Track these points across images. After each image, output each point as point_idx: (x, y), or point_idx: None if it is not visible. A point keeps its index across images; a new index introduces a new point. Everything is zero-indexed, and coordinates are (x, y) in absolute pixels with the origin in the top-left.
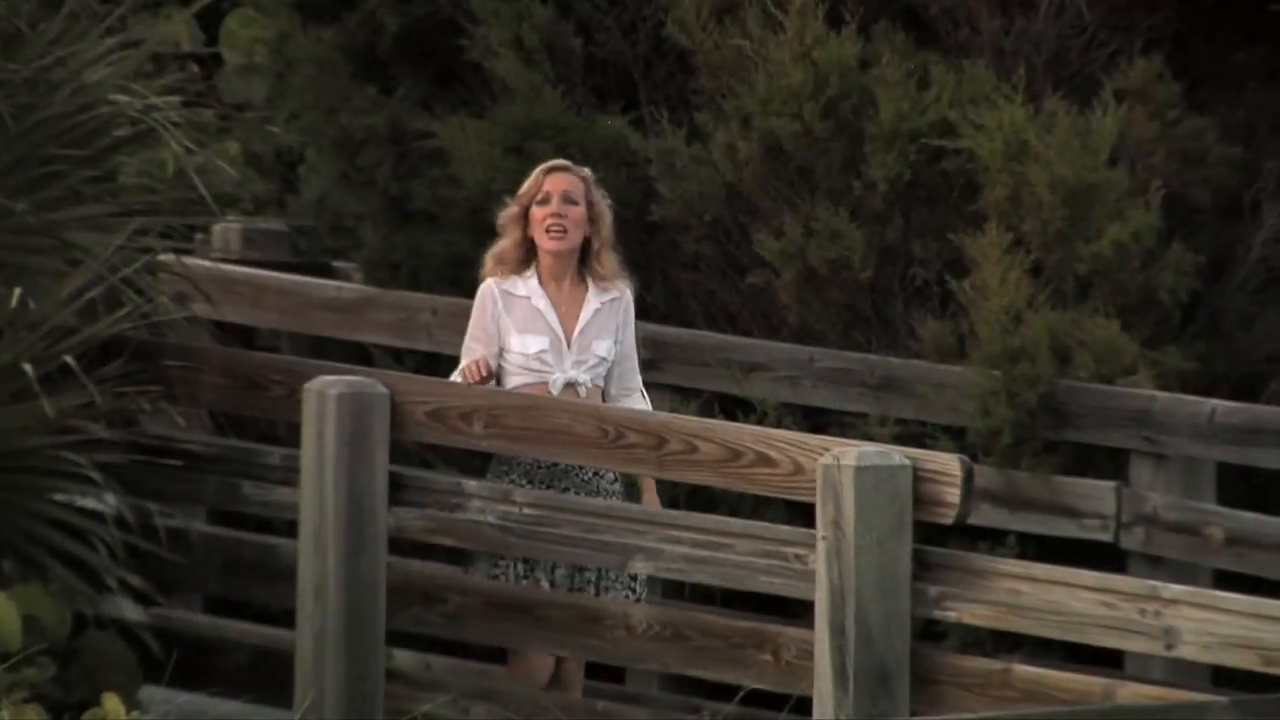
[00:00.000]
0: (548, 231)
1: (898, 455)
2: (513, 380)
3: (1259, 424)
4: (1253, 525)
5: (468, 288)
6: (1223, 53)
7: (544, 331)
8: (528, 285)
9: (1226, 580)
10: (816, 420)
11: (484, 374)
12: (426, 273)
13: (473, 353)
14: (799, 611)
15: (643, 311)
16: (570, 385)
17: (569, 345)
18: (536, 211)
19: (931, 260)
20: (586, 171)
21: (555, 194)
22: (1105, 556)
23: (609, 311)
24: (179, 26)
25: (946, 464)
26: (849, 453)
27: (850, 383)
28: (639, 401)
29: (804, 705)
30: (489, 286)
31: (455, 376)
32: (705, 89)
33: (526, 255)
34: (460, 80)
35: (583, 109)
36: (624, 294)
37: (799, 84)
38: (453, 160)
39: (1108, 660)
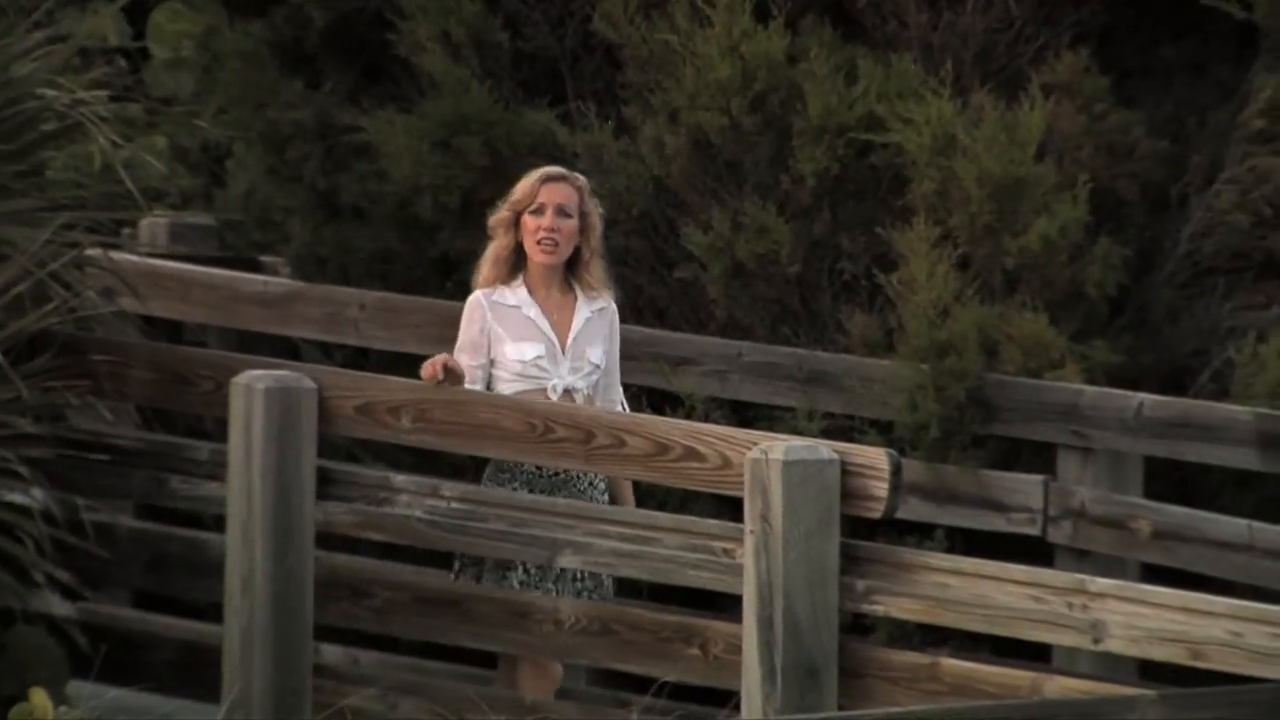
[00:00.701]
0: (539, 244)
1: (825, 449)
2: (509, 388)
3: (1186, 418)
4: (1180, 519)
5: (395, 282)
6: (1150, 47)
7: (539, 338)
8: (516, 294)
9: (1154, 574)
10: (744, 414)
11: (440, 375)
12: (354, 267)
13: (467, 365)
14: (727, 605)
15: None
16: (568, 392)
17: (564, 352)
18: (529, 220)
19: (859, 254)
20: (582, 180)
21: (550, 206)
22: (1033, 550)
23: (598, 321)
24: (106, 21)
25: (874, 458)
26: (777, 447)
27: (778, 377)
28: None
29: (728, 698)
30: (476, 299)
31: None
32: (633, 83)
33: (517, 261)
34: (388, 75)
35: (510, 103)
36: (610, 304)
37: (726, 78)
38: (380, 155)
39: (1035, 654)
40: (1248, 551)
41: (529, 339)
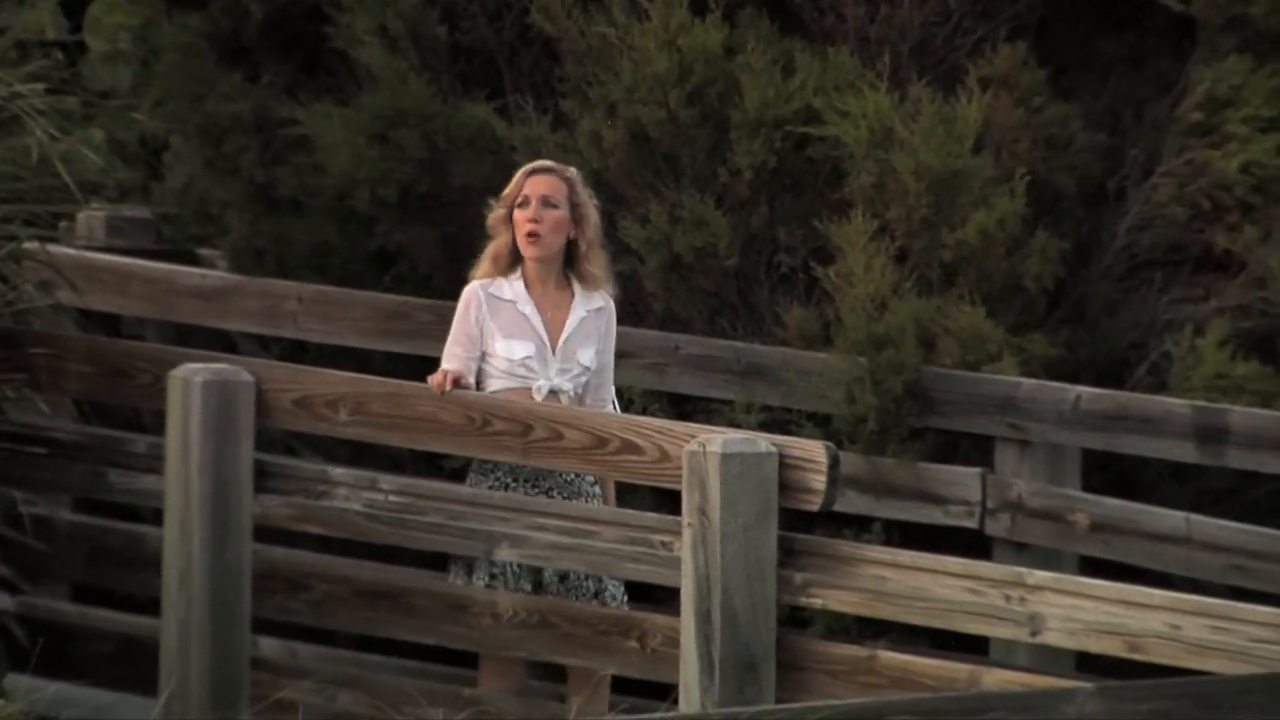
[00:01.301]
0: (526, 237)
1: (763, 442)
2: (495, 385)
3: (1123, 410)
4: (1117, 511)
5: (333, 275)
6: (1087, 40)
7: (530, 337)
8: (513, 289)
9: (1091, 566)
10: (682, 407)
11: (448, 388)
12: (292, 260)
13: (454, 357)
14: (665, 598)
15: None
16: (553, 393)
17: (554, 352)
18: (517, 215)
19: (797, 247)
20: (571, 172)
21: (534, 197)
22: (970, 543)
23: (594, 321)
24: (43, 14)
25: (812, 451)
26: (715, 440)
27: (716, 370)
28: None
29: (667, 691)
30: (473, 289)
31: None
32: (570, 77)
33: (515, 257)
34: (326, 68)
35: (448, 96)
36: (609, 303)
37: (664, 72)
38: (318, 148)
39: (973, 646)
40: (1185, 544)
41: (519, 337)
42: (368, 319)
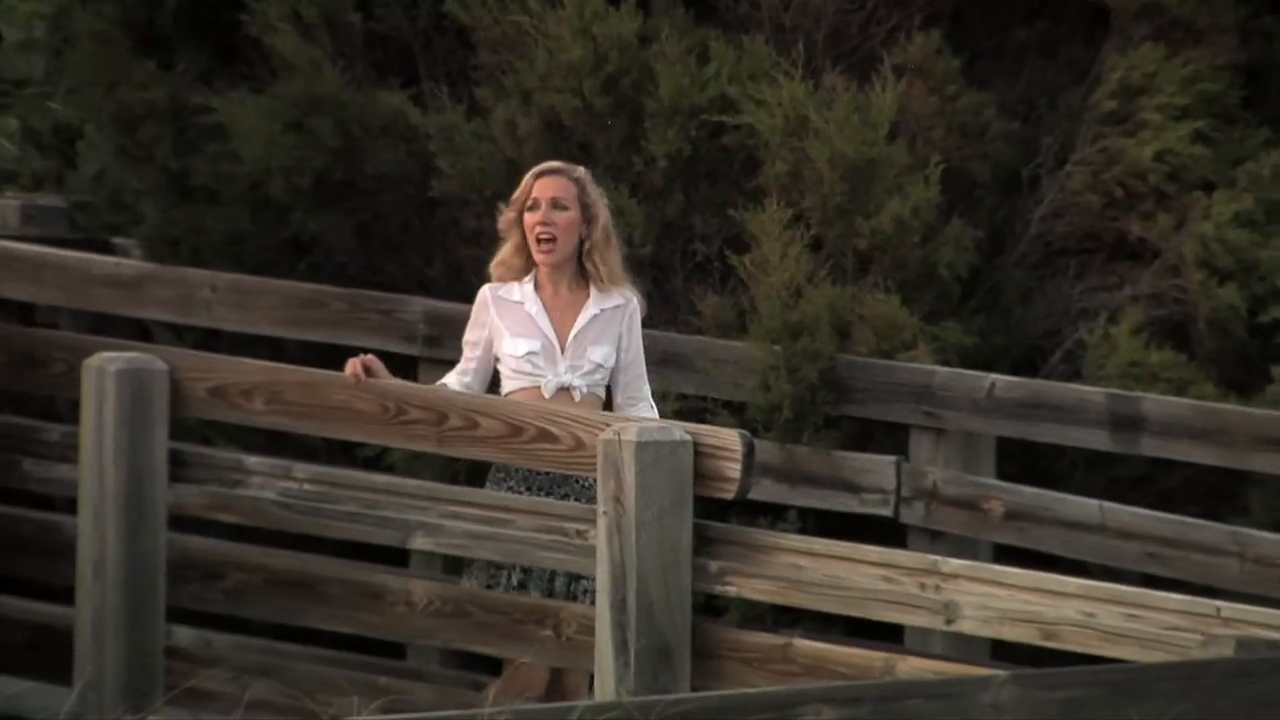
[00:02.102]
0: (537, 242)
1: (678, 430)
2: (507, 385)
3: (1038, 398)
4: (1032, 499)
5: (248, 263)
6: (1001, 28)
7: (535, 335)
8: (522, 290)
9: (1006, 554)
10: None
11: (361, 377)
12: (206, 249)
13: (461, 361)
14: None
15: (422, 287)
16: (564, 390)
17: (563, 350)
18: (527, 218)
19: (712, 236)
20: (580, 171)
21: (543, 200)
22: (886, 531)
23: (609, 318)
24: None
25: (727, 439)
26: (630, 428)
27: None
28: (646, 410)
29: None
30: (483, 292)
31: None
32: (485, 65)
33: (527, 259)
34: (240, 55)
35: (362, 84)
36: (630, 301)
37: (578, 60)
38: (233, 136)
39: (888, 635)
40: (1100, 532)
41: (525, 335)
42: (282, 307)
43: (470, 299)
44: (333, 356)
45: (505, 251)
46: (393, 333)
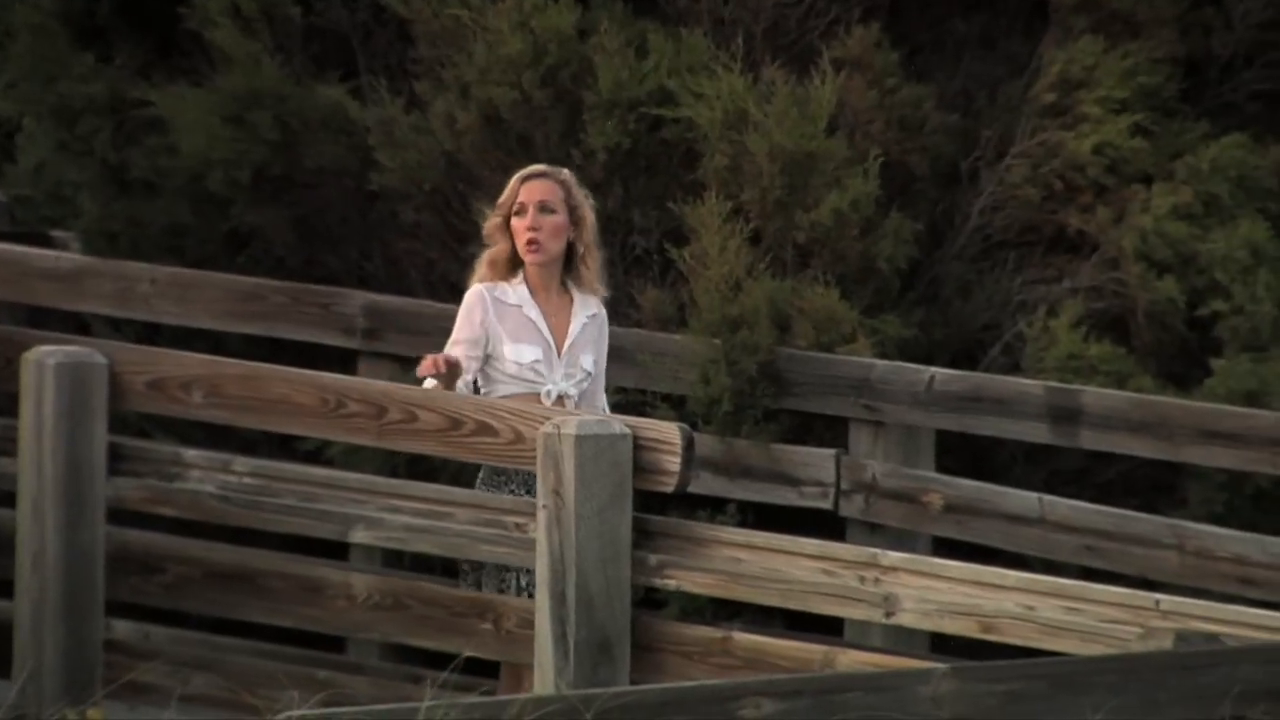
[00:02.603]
0: (526, 245)
1: (618, 424)
2: (502, 389)
3: (977, 391)
4: (971, 492)
5: (187, 257)
6: (940, 21)
7: (537, 341)
8: (518, 293)
9: (946, 547)
10: None
11: (441, 369)
12: (145, 242)
13: (453, 353)
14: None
15: (362, 281)
16: (561, 397)
17: (559, 356)
18: (515, 223)
19: (651, 229)
20: (566, 174)
21: (531, 204)
22: (825, 524)
23: (592, 327)
24: None
25: (667, 432)
26: (569, 421)
27: None
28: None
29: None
30: (478, 291)
31: (421, 373)
32: (424, 58)
33: (514, 263)
34: (179, 49)
35: (301, 78)
36: (601, 310)
37: (517, 53)
38: (172, 129)
39: (828, 628)
40: (1039, 525)
41: (528, 341)
42: (222, 301)
43: (409, 292)
44: (272, 350)
45: (489, 255)
46: (332, 326)
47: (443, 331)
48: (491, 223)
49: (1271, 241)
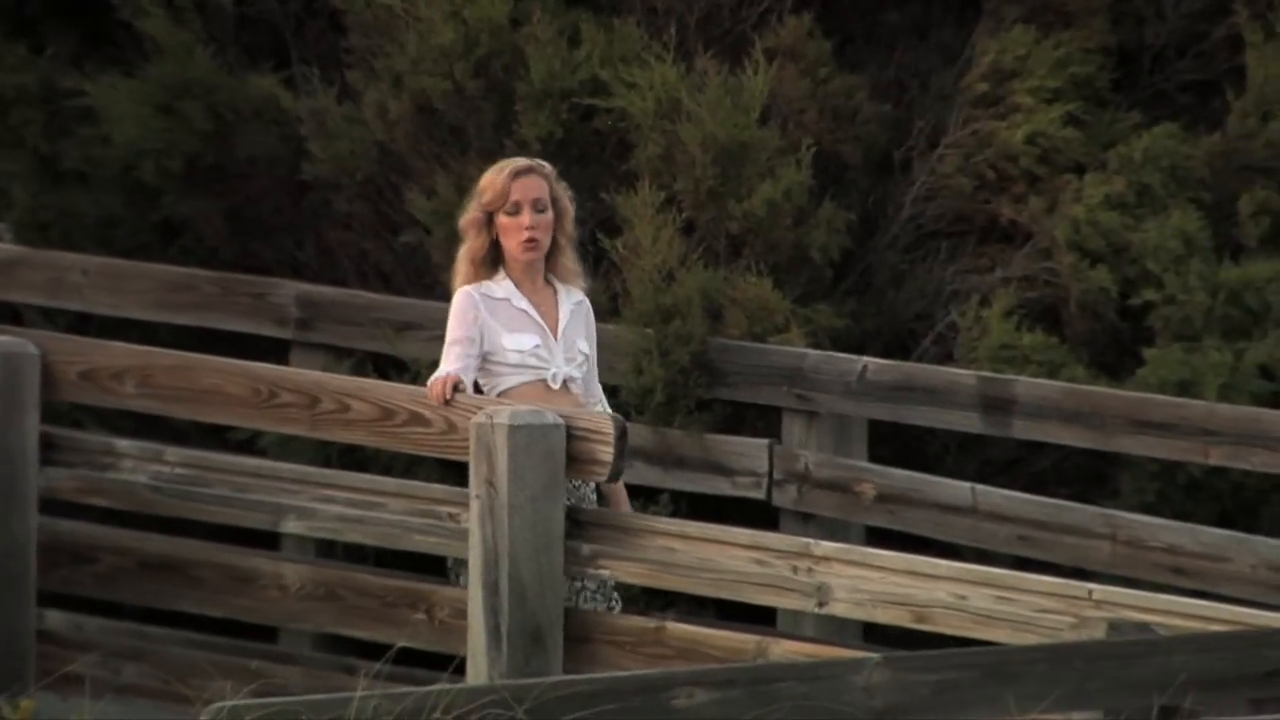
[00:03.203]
0: (525, 244)
1: (551, 414)
2: (508, 381)
3: (909, 381)
4: (903, 482)
5: (119, 247)
6: (872, 11)
7: (533, 329)
8: (504, 287)
9: (878, 537)
10: None
11: (449, 397)
12: (78, 232)
13: (453, 357)
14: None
15: (294, 271)
16: (566, 381)
17: (556, 341)
18: (506, 220)
19: (584, 219)
20: (549, 168)
21: (526, 203)
22: (758, 514)
23: (579, 313)
24: None
25: (599, 423)
26: (502, 411)
27: None
28: (601, 409)
29: (453, 662)
30: (467, 293)
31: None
32: (356, 48)
33: (495, 259)
34: (111, 39)
35: (234, 68)
36: (585, 299)
37: (450, 43)
38: (104, 119)
39: (761, 617)
40: (971, 514)
41: (524, 329)
42: (154, 291)
43: (342, 282)
44: (204, 340)
45: (468, 253)
46: (264, 316)
47: (375, 322)
48: (470, 216)
49: (1203, 231)
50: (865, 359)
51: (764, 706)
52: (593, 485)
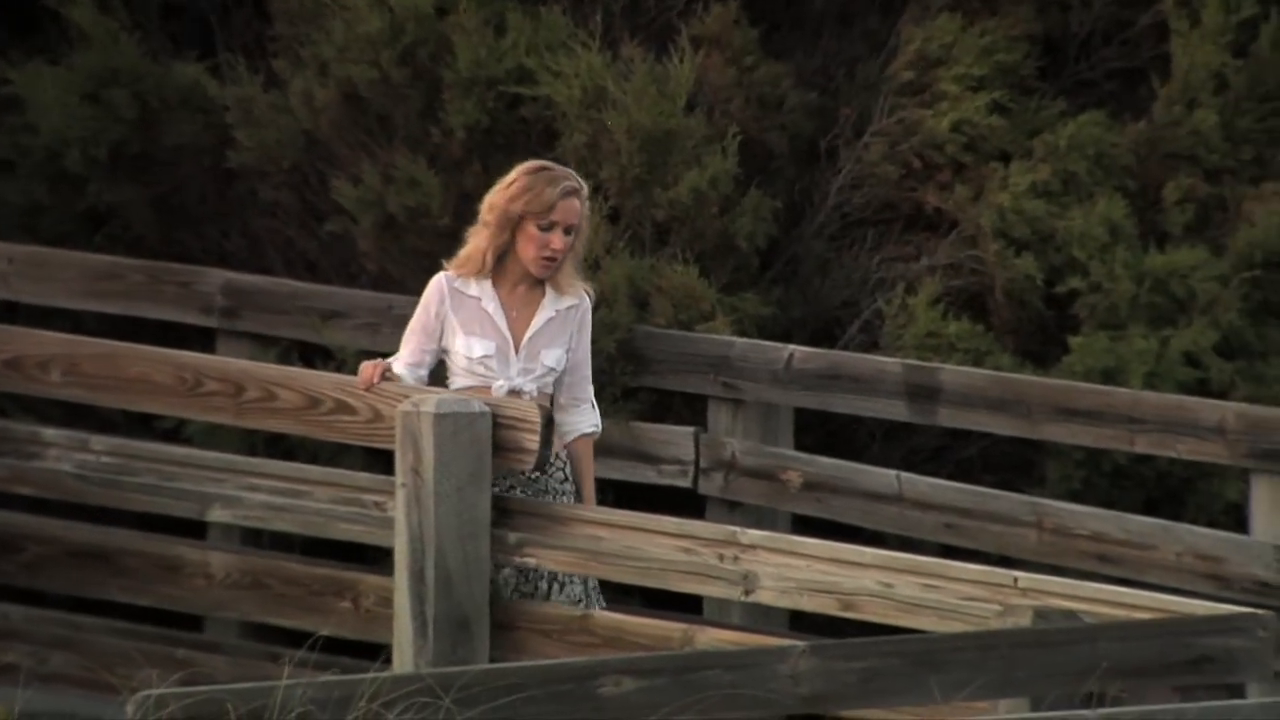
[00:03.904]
0: (540, 259)
1: (477, 402)
2: (457, 381)
3: (836, 369)
4: (830, 470)
5: (44, 235)
6: None
7: (491, 335)
8: (480, 285)
9: (805, 525)
10: None
11: (377, 380)
12: (3, 221)
13: (406, 343)
14: (378, 558)
15: (221, 259)
16: (514, 393)
17: (516, 351)
18: (535, 232)
19: None
20: (585, 190)
21: (561, 225)
22: (684, 502)
23: (563, 320)
24: None
25: (525, 411)
26: (428, 400)
27: None
28: (589, 413)
29: (380, 651)
30: (439, 281)
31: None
32: (282, 36)
33: (501, 257)
34: (37, 27)
35: (159, 56)
36: (583, 300)
37: (376, 31)
38: (29, 107)
39: (687, 605)
40: (897, 502)
41: (479, 335)
42: (79, 279)
43: (268, 270)
44: (130, 328)
45: (481, 243)
46: (191, 305)
47: (301, 310)
48: (502, 210)
49: (1129, 219)
50: (791, 347)
51: (691, 694)
52: (571, 486)
